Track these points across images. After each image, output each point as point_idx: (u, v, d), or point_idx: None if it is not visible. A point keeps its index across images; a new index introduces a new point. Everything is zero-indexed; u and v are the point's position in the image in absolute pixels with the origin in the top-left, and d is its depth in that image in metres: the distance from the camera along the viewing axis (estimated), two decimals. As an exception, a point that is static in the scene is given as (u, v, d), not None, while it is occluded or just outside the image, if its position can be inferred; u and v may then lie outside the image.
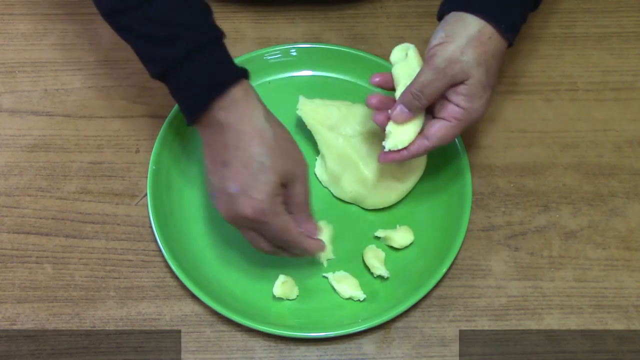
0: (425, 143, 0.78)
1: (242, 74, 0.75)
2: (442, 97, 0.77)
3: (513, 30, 0.76)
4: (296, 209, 0.77)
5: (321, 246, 0.78)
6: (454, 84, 0.75)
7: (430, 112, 0.79)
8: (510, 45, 0.77)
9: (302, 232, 0.77)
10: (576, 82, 0.95)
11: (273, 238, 0.76)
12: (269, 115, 0.75)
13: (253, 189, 0.72)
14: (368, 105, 0.81)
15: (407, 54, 0.80)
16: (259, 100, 0.76)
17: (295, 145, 0.77)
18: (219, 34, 0.76)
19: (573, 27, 1.00)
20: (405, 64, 0.79)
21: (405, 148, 0.78)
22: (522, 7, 0.78)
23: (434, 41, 0.75)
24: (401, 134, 0.77)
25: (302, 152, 0.77)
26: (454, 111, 0.76)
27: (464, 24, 0.74)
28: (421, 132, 0.78)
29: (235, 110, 0.73)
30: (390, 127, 0.78)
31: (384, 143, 0.78)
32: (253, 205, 0.73)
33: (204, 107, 0.74)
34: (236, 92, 0.74)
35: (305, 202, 0.77)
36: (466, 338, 0.80)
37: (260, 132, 0.73)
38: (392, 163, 0.80)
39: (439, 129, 0.77)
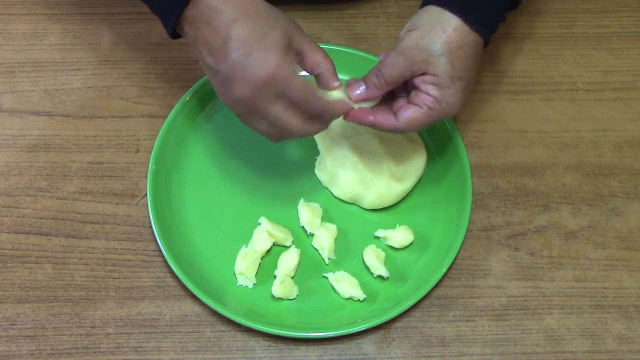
0: (393, 121, 0.78)
1: None
2: (415, 86, 0.77)
3: (485, 24, 0.76)
4: (317, 71, 0.76)
5: (346, 105, 0.78)
6: (419, 72, 0.75)
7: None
8: (485, 41, 0.77)
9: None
10: (576, 82, 0.95)
11: (295, 102, 0.73)
12: None
13: (265, 48, 0.70)
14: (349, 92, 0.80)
15: None
16: None
17: (285, 15, 0.75)
18: None
19: (573, 27, 1.00)
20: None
21: (372, 113, 0.78)
22: (496, 3, 0.78)
23: (403, 31, 0.77)
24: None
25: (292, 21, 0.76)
26: (425, 99, 0.76)
27: (430, 14, 0.76)
28: (394, 111, 0.79)
29: None
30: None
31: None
32: (268, 65, 0.70)
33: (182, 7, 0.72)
34: None
35: (320, 60, 0.76)
36: (466, 338, 0.80)
37: (250, 4, 0.72)
38: (355, 122, 0.80)
39: (409, 112, 0.77)
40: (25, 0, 1.02)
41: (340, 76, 0.95)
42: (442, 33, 0.74)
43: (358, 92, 0.78)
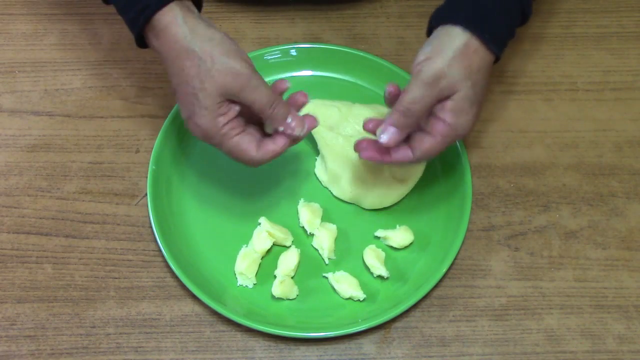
0: (409, 154, 0.76)
1: None
2: (430, 113, 0.75)
3: (499, 44, 0.75)
4: (265, 115, 0.75)
5: (276, 154, 0.77)
6: (441, 99, 0.74)
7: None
8: (497, 59, 0.76)
9: (264, 144, 0.76)
10: (576, 82, 0.95)
11: (232, 159, 0.77)
12: (195, 34, 0.73)
13: (195, 115, 0.74)
14: (365, 129, 0.79)
15: None
16: (187, 19, 0.73)
17: (231, 55, 0.73)
18: None
19: (573, 27, 1.00)
20: None
21: (388, 152, 0.77)
22: (509, 20, 0.77)
23: (421, 57, 0.74)
24: None
25: (243, 58, 0.74)
26: (439, 127, 0.74)
27: (450, 37, 0.73)
28: (407, 142, 0.77)
29: (163, 37, 0.74)
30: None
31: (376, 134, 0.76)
32: (199, 130, 0.75)
33: (139, 34, 0.75)
34: (162, 18, 0.73)
35: (264, 107, 0.74)
36: (466, 338, 0.80)
37: (187, 56, 0.73)
38: (372, 161, 0.79)
39: (424, 143, 0.75)
40: (25, 0, 1.02)
41: (340, 76, 0.95)
42: (464, 57, 0.73)
43: (390, 136, 0.75)
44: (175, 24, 0.73)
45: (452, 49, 0.73)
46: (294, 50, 0.95)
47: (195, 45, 0.73)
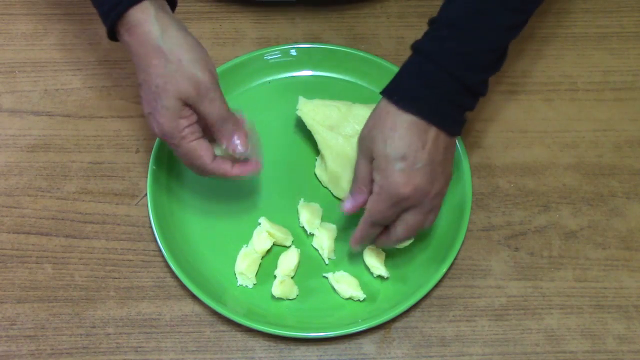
0: (386, 238, 0.79)
1: None
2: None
3: (452, 126, 0.74)
4: (215, 128, 0.76)
5: (227, 170, 0.78)
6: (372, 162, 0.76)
7: None
8: (458, 133, 0.76)
9: (224, 157, 0.77)
10: (576, 82, 0.95)
11: (186, 163, 0.78)
12: (167, 34, 0.74)
13: (156, 112, 0.75)
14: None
15: None
16: (160, 18, 0.74)
17: (197, 64, 0.74)
18: None
19: (573, 27, 1.00)
20: None
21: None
22: (460, 104, 0.76)
23: (365, 131, 0.77)
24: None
25: (209, 68, 0.75)
26: (374, 185, 0.76)
27: (377, 105, 0.76)
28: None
29: (134, 34, 0.74)
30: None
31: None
32: (159, 128, 0.75)
33: (111, 28, 0.76)
34: (135, 14, 0.74)
35: (216, 120, 0.76)
36: (466, 338, 0.80)
37: (155, 54, 0.74)
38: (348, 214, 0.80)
39: (369, 201, 0.76)
40: (25, 0, 1.02)
41: (340, 76, 0.95)
42: (377, 118, 0.75)
43: (349, 205, 0.78)
44: (148, 22, 0.74)
45: (371, 115, 0.76)
46: (294, 50, 0.95)
47: (165, 45, 0.74)
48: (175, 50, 0.74)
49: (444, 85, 0.73)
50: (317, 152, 0.89)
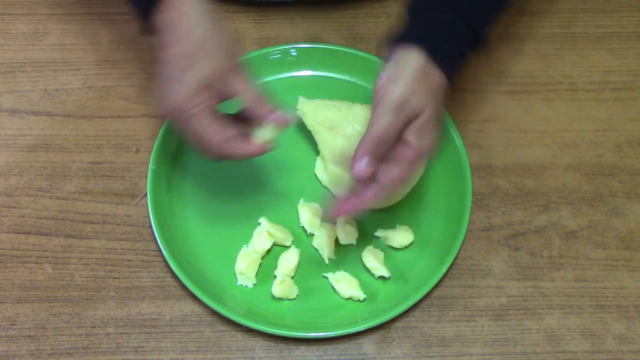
0: (376, 187, 0.74)
1: None
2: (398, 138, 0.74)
3: (451, 66, 0.75)
4: (251, 108, 0.76)
5: (257, 149, 0.77)
6: (407, 123, 0.73)
7: None
8: (451, 82, 0.76)
9: (232, 137, 0.76)
10: (576, 82, 0.95)
11: (193, 142, 0.77)
12: (205, 17, 0.76)
13: (172, 86, 0.75)
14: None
15: None
16: (200, 1, 0.77)
17: (227, 47, 0.76)
18: None
19: (573, 27, 1.00)
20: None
21: (359, 197, 0.75)
22: (461, 45, 0.77)
23: (381, 81, 0.74)
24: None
25: (237, 52, 0.78)
26: (405, 151, 0.73)
27: (407, 60, 0.74)
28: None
29: (174, 10, 0.76)
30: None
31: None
32: (169, 102, 0.76)
33: (147, 12, 0.77)
34: None
35: (250, 97, 0.76)
36: (466, 338, 0.80)
37: (190, 30, 0.75)
38: (345, 216, 0.78)
39: (391, 170, 0.73)
40: (25, 0, 1.02)
41: (340, 76, 0.96)
42: (424, 79, 0.73)
43: (365, 166, 0.72)
44: (189, 2, 0.76)
45: (411, 73, 0.73)
46: (294, 50, 0.95)
47: (201, 26, 0.76)
48: (210, 32, 0.75)
49: (468, 43, 0.76)
50: (317, 152, 0.89)
